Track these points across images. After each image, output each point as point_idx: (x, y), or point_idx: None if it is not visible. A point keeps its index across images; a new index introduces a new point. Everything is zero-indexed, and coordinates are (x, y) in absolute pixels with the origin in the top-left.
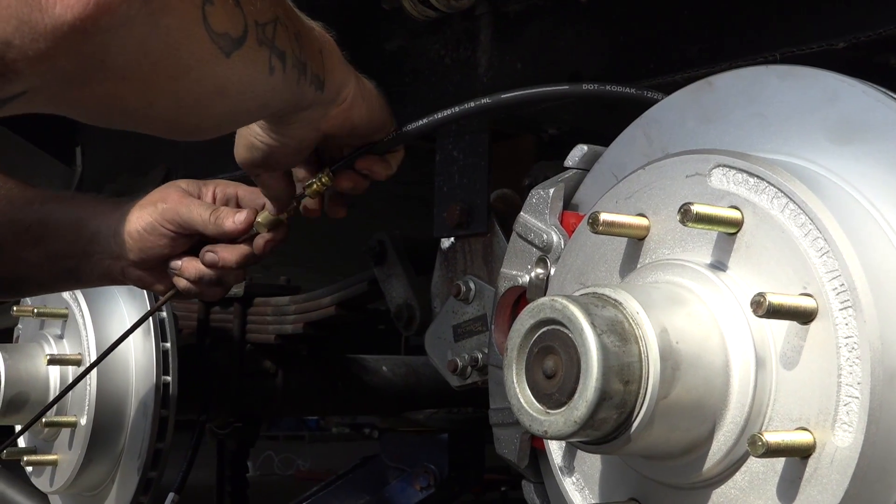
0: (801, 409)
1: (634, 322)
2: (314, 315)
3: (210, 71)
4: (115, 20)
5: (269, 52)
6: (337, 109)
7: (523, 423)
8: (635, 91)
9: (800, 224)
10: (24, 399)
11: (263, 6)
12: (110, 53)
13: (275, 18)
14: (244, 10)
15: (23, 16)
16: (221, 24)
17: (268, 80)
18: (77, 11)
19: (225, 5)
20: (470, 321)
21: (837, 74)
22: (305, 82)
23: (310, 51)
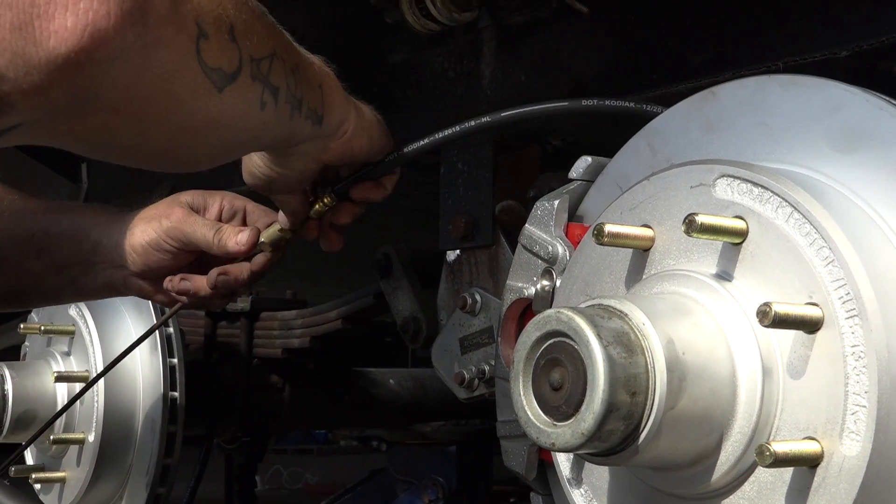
0: (809, 419)
1: (640, 333)
2: (321, 329)
3: (202, 105)
4: (110, 53)
5: (262, 88)
6: (337, 142)
7: (531, 435)
8: (634, 105)
9: (805, 233)
10: (32, 416)
11: (260, 41)
12: (104, 86)
13: (271, 54)
14: (240, 46)
15: (17, 49)
16: (215, 59)
17: (258, 115)
18: (71, 44)
19: (220, 40)
20: (476, 333)
21: (840, 83)
22: (300, 117)
23: (307, 86)
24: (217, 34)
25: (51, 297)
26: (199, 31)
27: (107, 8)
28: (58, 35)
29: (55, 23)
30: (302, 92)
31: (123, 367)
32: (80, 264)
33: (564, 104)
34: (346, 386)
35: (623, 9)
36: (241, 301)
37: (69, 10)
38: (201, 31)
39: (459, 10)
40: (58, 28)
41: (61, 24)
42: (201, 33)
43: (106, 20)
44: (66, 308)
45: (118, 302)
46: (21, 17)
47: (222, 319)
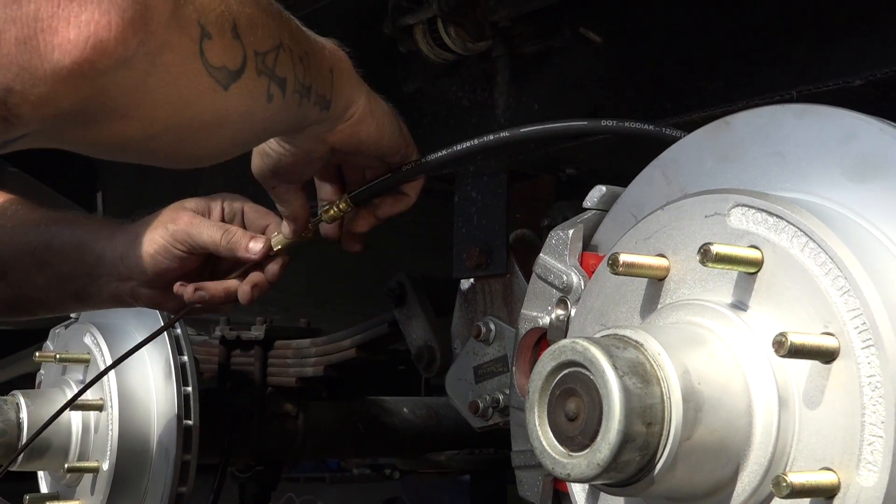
0: (825, 449)
1: (656, 363)
2: (335, 357)
3: (208, 104)
4: (113, 62)
5: (267, 81)
6: (344, 125)
7: (546, 465)
8: (654, 128)
9: (820, 263)
10: (47, 445)
11: (265, 34)
12: (110, 94)
13: (277, 46)
14: (243, 42)
15: (23, 62)
16: (219, 57)
17: (266, 108)
18: (75, 56)
19: (223, 39)
20: (490, 362)
21: (854, 112)
22: (308, 104)
23: (317, 71)
24: (220, 33)
25: (55, 308)
26: (201, 31)
27: (108, 18)
28: (62, 48)
29: (59, 36)
30: (311, 79)
31: (138, 395)
32: (84, 276)
33: (584, 123)
34: (360, 414)
35: (636, 38)
36: (256, 329)
37: (71, 23)
38: (204, 32)
39: (473, 39)
40: (61, 41)
41: (64, 37)
42: (204, 34)
43: (108, 31)
44: (81, 336)
45: (132, 330)
46: (25, 32)
47: (236, 348)
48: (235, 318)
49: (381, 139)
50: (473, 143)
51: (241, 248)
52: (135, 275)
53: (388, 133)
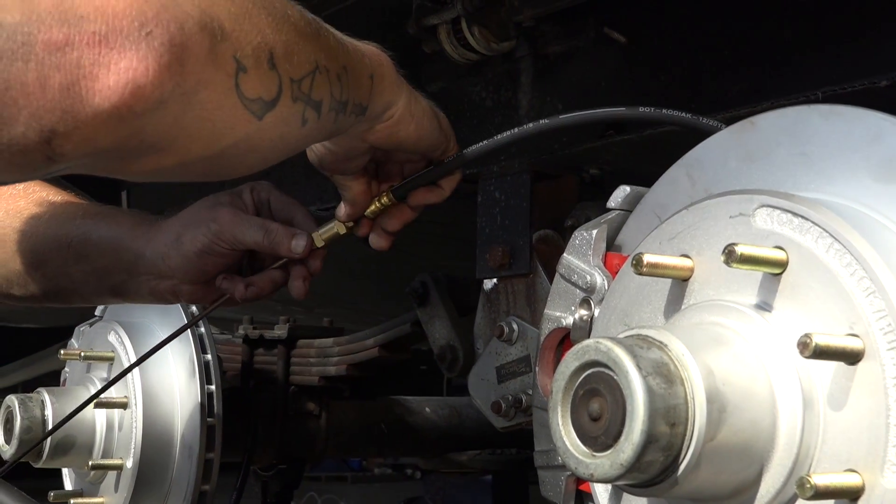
0: (850, 451)
1: (680, 364)
2: (358, 357)
3: (242, 134)
4: (150, 105)
5: (303, 107)
6: (382, 125)
7: (569, 465)
8: (690, 116)
9: (845, 264)
10: (71, 442)
11: (301, 59)
12: (147, 132)
13: (313, 69)
14: (279, 71)
15: (66, 107)
16: (254, 90)
17: (299, 132)
18: (114, 101)
19: (259, 70)
20: (513, 362)
21: (880, 113)
22: (344, 116)
23: (356, 83)
24: (256, 65)
25: (91, 299)
26: (237, 66)
27: (146, 65)
28: (102, 94)
29: (99, 82)
30: (349, 94)
31: (162, 393)
32: (122, 273)
33: (621, 110)
34: (383, 414)
35: (661, 38)
36: (279, 328)
37: (111, 70)
38: (240, 66)
39: (497, 39)
40: (101, 87)
41: (104, 84)
42: (240, 67)
43: (145, 76)
44: (106, 334)
45: (157, 329)
46: (69, 78)
47: (259, 346)
48: (258, 317)
49: (421, 139)
50: (513, 133)
51: (284, 248)
52: (177, 274)
53: (428, 132)
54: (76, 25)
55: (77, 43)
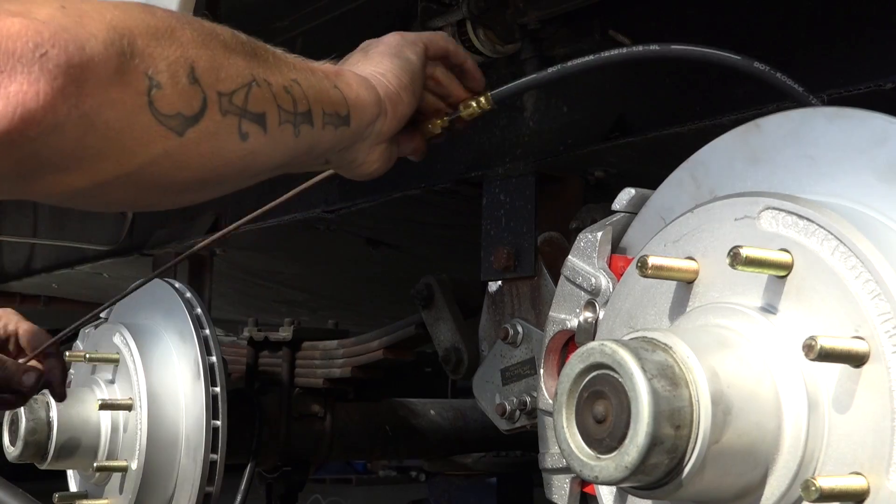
0: (855, 454)
1: (685, 366)
2: (362, 359)
3: (161, 151)
4: (42, 129)
5: (237, 120)
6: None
7: (574, 468)
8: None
9: (850, 266)
10: (76, 444)
11: (231, 73)
12: (45, 154)
13: (248, 82)
14: (202, 84)
15: None
16: (171, 105)
17: (240, 146)
18: (4, 126)
19: (176, 86)
20: (518, 365)
21: (885, 115)
22: (316, 128)
23: (315, 95)
24: (172, 81)
25: None
26: (149, 82)
27: (36, 88)
28: None
29: None
30: (307, 105)
31: (166, 395)
32: None
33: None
34: (387, 416)
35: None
36: (283, 331)
37: (5, 93)
38: (153, 82)
39: (502, 42)
40: None
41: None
42: (153, 84)
43: (35, 100)
44: (111, 336)
45: (161, 331)
46: None
47: (264, 349)
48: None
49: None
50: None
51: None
52: None
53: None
54: None
55: None
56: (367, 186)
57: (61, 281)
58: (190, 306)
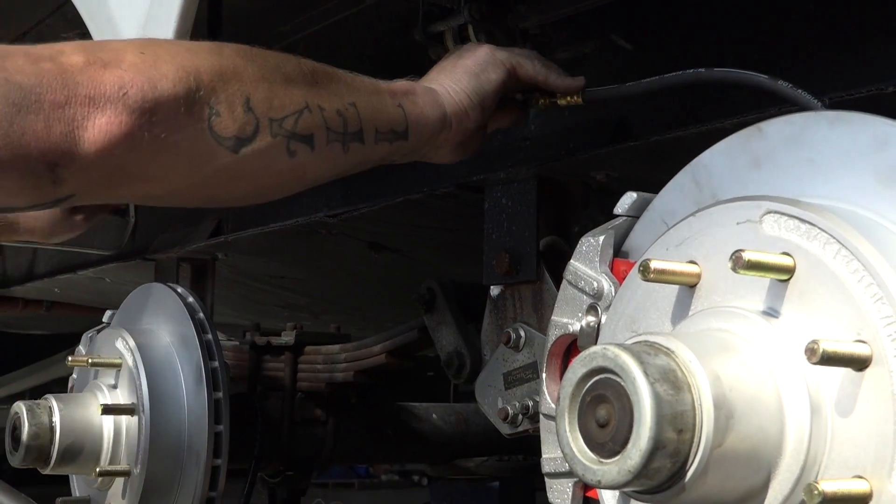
0: (858, 457)
1: (687, 370)
2: (365, 363)
3: (221, 165)
4: (124, 149)
5: (285, 140)
6: (449, 133)
7: (576, 472)
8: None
9: (852, 270)
10: (79, 449)
11: (284, 102)
12: (128, 167)
13: (300, 109)
14: (256, 112)
15: (66, 148)
16: (227, 129)
17: (289, 161)
18: (97, 145)
19: (232, 114)
20: (520, 369)
21: (887, 119)
22: (368, 143)
23: (373, 115)
24: (229, 110)
25: None
26: (210, 111)
27: (119, 120)
28: (88, 140)
29: (87, 132)
30: (359, 125)
31: (169, 399)
32: None
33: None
34: (389, 420)
35: (666, 45)
36: (286, 335)
37: (95, 124)
38: (213, 111)
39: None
40: (88, 136)
41: (91, 134)
42: (212, 112)
43: (118, 129)
44: (113, 340)
45: (164, 335)
46: (67, 128)
47: (267, 353)
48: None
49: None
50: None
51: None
52: None
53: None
54: (73, 89)
55: (73, 103)
56: (370, 191)
57: (64, 286)
58: (192, 311)
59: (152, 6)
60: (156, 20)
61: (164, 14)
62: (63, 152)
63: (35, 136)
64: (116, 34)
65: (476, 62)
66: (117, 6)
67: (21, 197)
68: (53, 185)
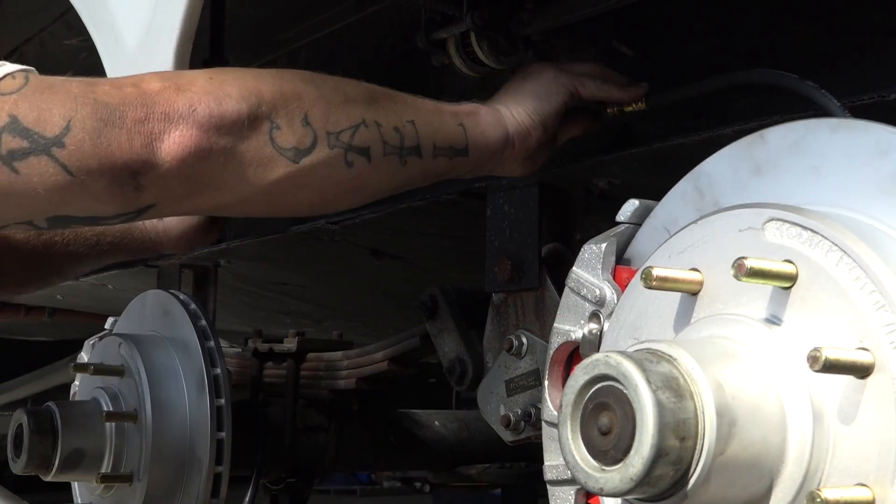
0: (860, 465)
1: (690, 378)
2: (367, 370)
3: (283, 174)
4: (196, 158)
5: (343, 152)
6: (512, 151)
7: (579, 479)
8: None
9: (854, 277)
10: (81, 455)
11: (341, 117)
12: (201, 176)
13: (357, 123)
14: (314, 126)
15: (145, 157)
16: (287, 141)
17: (347, 172)
18: (173, 156)
19: (292, 127)
20: (522, 376)
21: (889, 126)
22: (427, 159)
23: (426, 133)
24: (288, 124)
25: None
26: (271, 124)
27: (191, 133)
28: (165, 151)
29: (164, 144)
30: (416, 141)
31: (171, 406)
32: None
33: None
34: (391, 427)
35: (668, 51)
36: (288, 342)
37: (170, 137)
38: (273, 124)
39: (506, 53)
40: (165, 147)
41: (167, 146)
42: (273, 126)
43: (190, 140)
44: (116, 347)
45: (167, 342)
46: (146, 141)
47: (269, 360)
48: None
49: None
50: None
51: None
52: None
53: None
54: (151, 108)
55: (151, 119)
56: None
57: (66, 292)
58: (194, 318)
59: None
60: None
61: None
62: (143, 161)
63: (119, 146)
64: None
65: (539, 84)
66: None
67: (109, 204)
68: (136, 191)
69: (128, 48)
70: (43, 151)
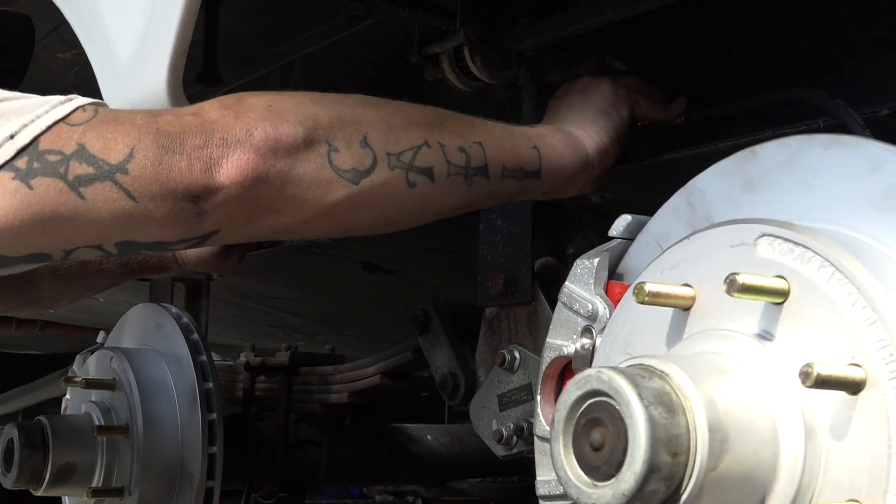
0: (852, 480)
1: (682, 394)
2: (359, 384)
3: (343, 195)
4: (254, 182)
5: (404, 172)
6: (587, 173)
7: (571, 495)
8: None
9: (847, 293)
10: (72, 470)
11: (402, 139)
12: (260, 199)
13: (419, 144)
14: (374, 148)
15: (206, 182)
16: (346, 163)
17: (410, 192)
18: (231, 180)
19: (350, 149)
20: (515, 390)
21: (881, 142)
22: (490, 181)
23: (494, 155)
24: (346, 146)
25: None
26: (329, 147)
27: (248, 156)
28: (224, 175)
29: (223, 168)
30: (483, 161)
31: (163, 420)
32: None
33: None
34: (384, 441)
35: (661, 67)
36: (280, 356)
37: (229, 161)
38: (331, 147)
39: (499, 68)
40: (224, 171)
41: (226, 170)
42: (331, 148)
43: (247, 163)
44: (108, 361)
45: (158, 355)
46: (205, 166)
47: (261, 374)
48: (260, 344)
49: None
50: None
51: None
52: None
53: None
54: (210, 134)
55: (210, 145)
56: None
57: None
58: (187, 331)
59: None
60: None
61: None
62: (203, 186)
63: (179, 172)
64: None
65: (605, 99)
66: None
67: (172, 230)
68: (198, 217)
69: (121, 61)
70: (107, 177)
